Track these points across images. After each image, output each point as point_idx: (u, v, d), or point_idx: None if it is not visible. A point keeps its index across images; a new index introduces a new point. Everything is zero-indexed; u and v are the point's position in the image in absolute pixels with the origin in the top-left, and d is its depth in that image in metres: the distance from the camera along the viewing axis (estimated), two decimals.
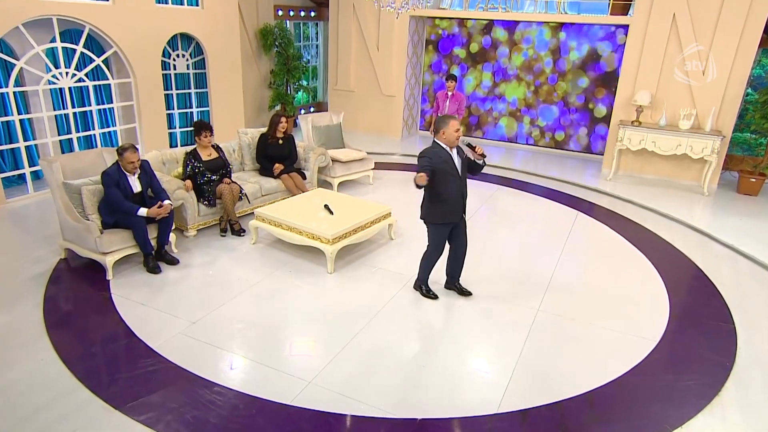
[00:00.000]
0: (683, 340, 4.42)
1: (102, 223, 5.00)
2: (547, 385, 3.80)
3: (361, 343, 4.17)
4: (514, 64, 10.36)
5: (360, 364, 3.93)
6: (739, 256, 6.16)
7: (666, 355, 4.21)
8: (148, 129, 8.06)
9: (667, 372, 4.01)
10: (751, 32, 7.86)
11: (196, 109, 9.30)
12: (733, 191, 8.52)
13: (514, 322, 4.56)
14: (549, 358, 4.11)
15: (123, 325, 4.25)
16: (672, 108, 8.47)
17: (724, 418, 3.56)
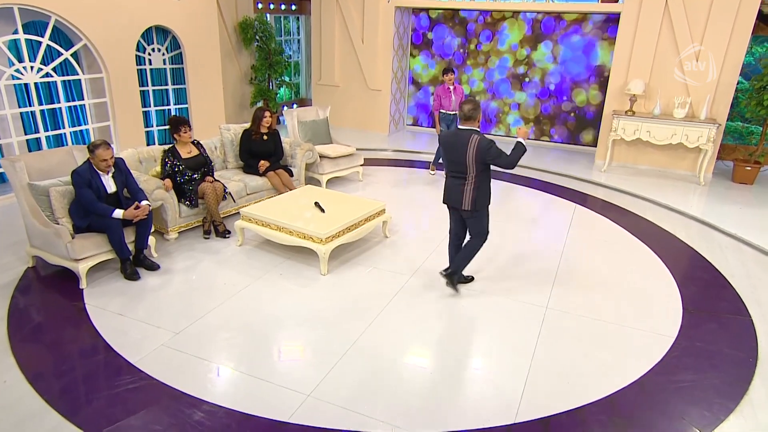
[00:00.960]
0: (701, 336, 4.17)
1: (73, 227, 4.58)
2: (566, 388, 3.52)
3: (362, 349, 3.84)
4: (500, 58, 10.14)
5: (362, 372, 3.60)
6: (744, 246, 5.98)
7: (686, 353, 3.95)
8: (123, 127, 7.60)
9: (690, 371, 3.75)
10: (744, 17, 7.71)
11: (174, 106, 8.84)
12: (728, 180, 8.39)
13: (523, 321, 4.28)
14: (564, 359, 3.83)
15: (99, 338, 3.85)
16: (666, 97, 8.30)
17: (757, 419, 3.31)
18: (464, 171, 4.23)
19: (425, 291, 4.69)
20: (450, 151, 4.32)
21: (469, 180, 4.24)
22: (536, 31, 9.80)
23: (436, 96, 7.82)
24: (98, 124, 7.43)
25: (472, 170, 4.19)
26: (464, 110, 4.18)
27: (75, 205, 4.60)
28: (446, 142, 4.43)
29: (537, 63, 9.97)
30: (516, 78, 10.22)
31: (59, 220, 4.58)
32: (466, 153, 4.14)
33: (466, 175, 4.23)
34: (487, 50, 10.26)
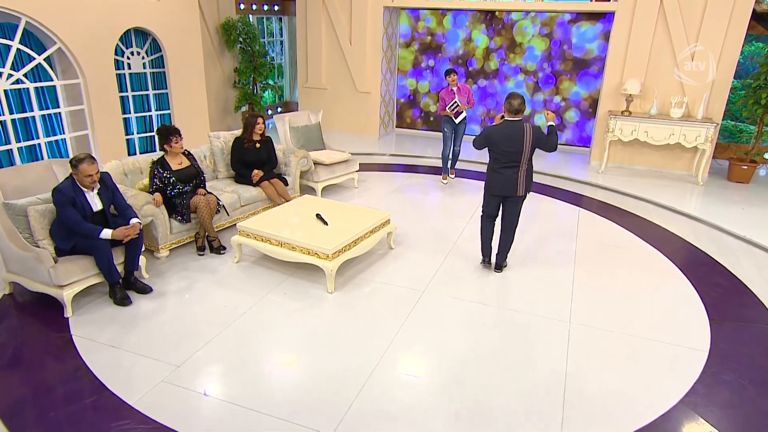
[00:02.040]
0: (735, 348, 3.97)
1: (56, 250, 4.15)
2: (607, 414, 3.25)
3: (382, 378, 3.51)
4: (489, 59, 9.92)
5: (386, 405, 3.28)
6: (755, 248, 5.84)
7: (724, 368, 3.73)
8: (103, 136, 7.12)
9: (734, 390, 3.53)
10: (738, 16, 7.64)
11: (156, 112, 8.37)
12: (723, 179, 8.32)
13: (548, 338, 4.01)
14: (599, 380, 3.56)
15: (89, 375, 3.44)
16: (662, 96, 8.18)
17: None
18: (518, 159, 4.58)
19: (441, 306, 4.40)
20: (504, 142, 4.56)
21: (522, 167, 4.62)
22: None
23: (440, 99, 7.53)
24: (75, 133, 6.93)
25: (526, 157, 4.59)
26: (515, 105, 4.48)
27: (57, 225, 4.16)
28: (502, 134, 4.59)
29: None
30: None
31: (39, 243, 4.13)
32: (523, 142, 4.51)
33: (520, 163, 4.60)
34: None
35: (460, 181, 7.94)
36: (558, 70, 9.65)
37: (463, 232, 6.00)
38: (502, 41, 9.84)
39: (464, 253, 5.45)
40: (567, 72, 9.59)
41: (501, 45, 9.87)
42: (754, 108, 7.78)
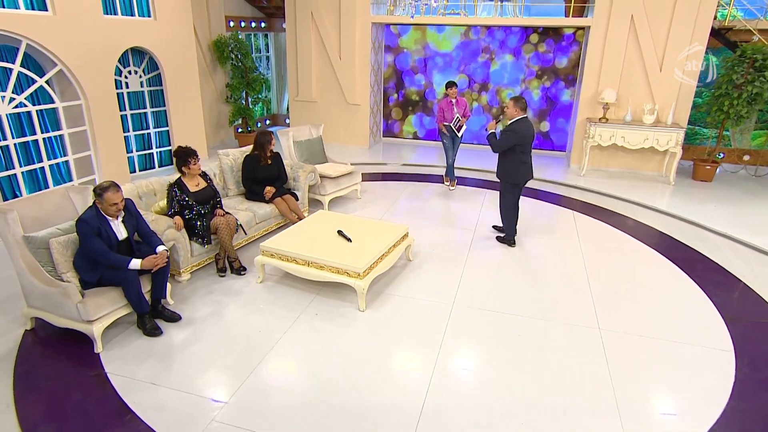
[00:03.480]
0: (757, 347, 3.87)
1: (81, 282, 3.68)
2: (666, 427, 3.06)
3: (440, 393, 3.23)
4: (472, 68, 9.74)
5: (451, 417, 2.99)
6: (737, 245, 5.84)
7: (755, 368, 3.62)
8: (105, 156, 6.54)
9: (761, 395, 3.41)
10: (700, 30, 7.70)
11: (154, 129, 7.81)
12: (688, 178, 8.38)
13: (584, 348, 3.81)
14: (645, 389, 3.38)
15: (135, 419, 3.01)
16: (634, 104, 8.17)
17: None
18: (531, 148, 5.27)
19: (473, 318, 4.15)
20: (530, 135, 5.15)
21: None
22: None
23: (439, 109, 7.27)
24: (78, 154, 6.34)
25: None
26: (524, 103, 5.09)
27: (81, 256, 3.69)
28: (526, 128, 5.10)
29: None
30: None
31: (63, 276, 3.66)
32: (534, 132, 5.25)
33: (532, 151, 5.31)
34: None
35: (457, 187, 7.71)
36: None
37: (474, 238, 5.78)
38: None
39: (481, 260, 5.21)
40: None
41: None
42: (717, 114, 7.86)
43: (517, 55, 9.41)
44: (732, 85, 7.59)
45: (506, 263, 5.22)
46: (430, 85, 10.06)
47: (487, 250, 5.51)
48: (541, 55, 9.28)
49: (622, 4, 7.85)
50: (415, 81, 10.15)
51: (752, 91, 7.47)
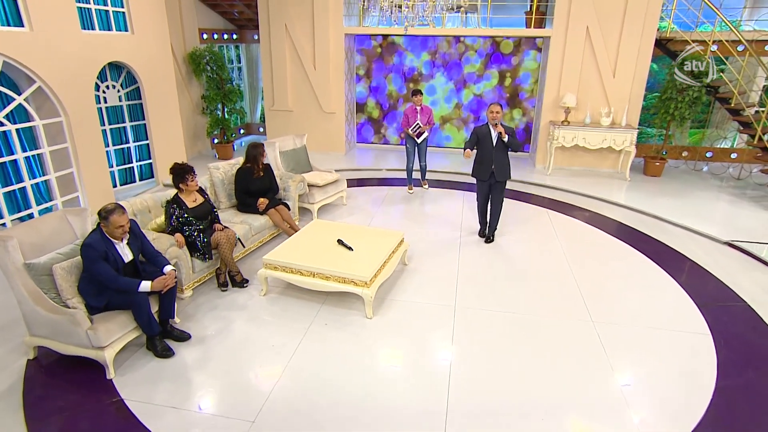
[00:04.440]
0: (730, 330, 4.06)
1: (87, 308, 3.41)
2: (671, 412, 3.15)
3: (461, 394, 3.20)
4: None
5: (477, 412, 2.97)
6: (694, 234, 6.12)
7: (732, 349, 3.79)
8: (88, 172, 6.12)
9: (745, 367, 3.59)
10: (646, 41, 8.04)
11: (134, 143, 7.39)
12: (640, 174, 8.74)
13: (583, 341, 3.88)
14: (645, 376, 3.47)
15: None
16: (592, 107, 8.44)
17: None
18: None
19: (477, 319, 4.14)
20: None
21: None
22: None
23: (404, 115, 7.25)
24: (60, 172, 5.89)
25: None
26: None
27: (86, 281, 3.42)
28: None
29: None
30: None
31: (68, 302, 3.38)
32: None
33: None
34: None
35: (433, 189, 7.71)
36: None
37: (460, 238, 5.79)
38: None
39: (472, 260, 5.23)
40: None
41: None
42: (664, 116, 8.24)
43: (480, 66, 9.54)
44: (676, 90, 7.97)
45: (496, 262, 5.26)
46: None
47: (476, 250, 5.54)
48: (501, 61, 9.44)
49: (578, 17, 8.08)
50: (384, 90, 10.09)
51: (692, 95, 7.88)
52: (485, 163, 5.33)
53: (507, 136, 5.13)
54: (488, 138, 5.24)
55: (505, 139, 5.14)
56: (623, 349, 3.77)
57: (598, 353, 3.72)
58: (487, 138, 5.24)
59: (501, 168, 5.32)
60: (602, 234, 6.09)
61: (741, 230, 6.13)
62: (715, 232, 6.07)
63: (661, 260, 5.35)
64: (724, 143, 9.59)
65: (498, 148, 5.24)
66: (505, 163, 5.32)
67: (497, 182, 5.41)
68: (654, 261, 5.35)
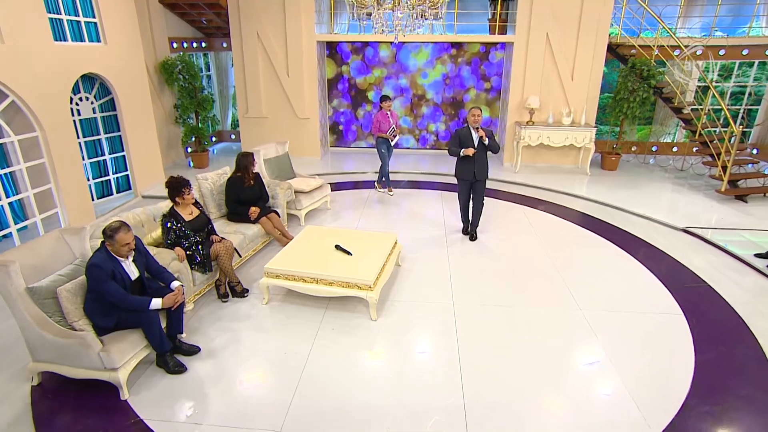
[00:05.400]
0: (698, 309, 4.35)
1: (95, 329, 3.23)
2: (662, 387, 3.35)
3: (475, 386, 3.26)
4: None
5: (491, 403, 3.04)
6: (654, 223, 6.50)
7: (704, 326, 4.07)
8: (67, 187, 5.77)
9: (717, 342, 3.86)
10: (599, 46, 8.43)
11: (109, 155, 7.02)
12: (598, 168, 9.16)
13: (575, 329, 4.04)
14: (637, 357, 3.66)
15: None
16: (554, 108, 8.77)
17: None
18: None
19: (476, 314, 4.23)
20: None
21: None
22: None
23: (375, 121, 7.25)
24: (37, 188, 5.51)
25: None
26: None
27: (92, 302, 3.24)
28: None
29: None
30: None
31: (74, 324, 3.19)
32: None
33: None
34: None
35: (411, 190, 7.78)
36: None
37: (446, 236, 5.88)
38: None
39: (460, 258, 5.33)
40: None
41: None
42: (618, 114, 8.67)
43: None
44: (628, 91, 8.41)
45: (482, 258, 5.37)
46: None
47: (462, 247, 5.64)
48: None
49: (538, 24, 8.36)
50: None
51: (642, 95, 8.34)
52: (467, 163, 5.42)
53: (488, 139, 5.26)
54: (469, 140, 5.33)
55: (486, 141, 5.26)
56: (612, 334, 3.96)
57: (590, 338, 3.89)
58: (469, 140, 5.34)
59: (481, 168, 5.44)
60: (573, 226, 6.36)
61: (687, 216, 6.56)
62: (670, 219, 6.47)
63: (629, 248, 5.65)
64: (667, 138, 10.21)
65: (478, 149, 5.34)
66: (484, 163, 5.45)
67: (478, 181, 5.52)
68: (623, 249, 5.63)
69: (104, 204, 6.94)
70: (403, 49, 9.65)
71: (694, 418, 3.08)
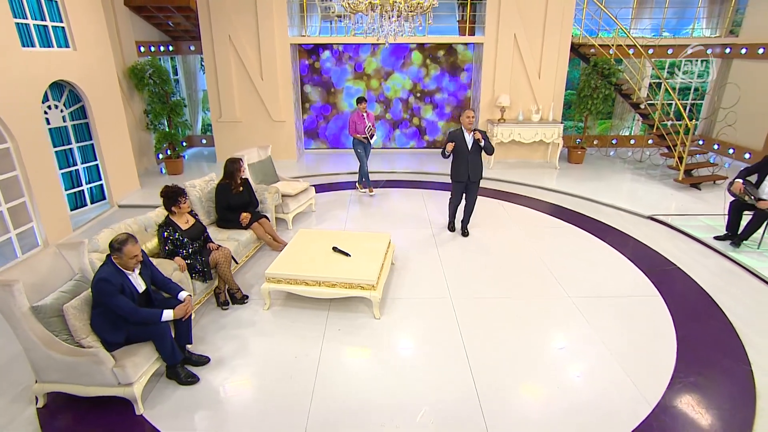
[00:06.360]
0: (673, 289, 4.69)
1: (105, 344, 3.14)
2: (651, 362, 3.61)
3: (489, 385, 3.41)
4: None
5: (504, 388, 3.20)
6: (622, 212, 6.89)
7: (679, 305, 4.39)
8: (42, 200, 5.49)
9: (693, 320, 4.19)
10: (563, 45, 8.82)
11: (82, 165, 6.72)
12: (566, 162, 9.58)
13: (568, 315, 4.27)
14: (627, 336, 3.92)
15: None
16: (523, 106, 9.10)
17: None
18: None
19: (473, 305, 4.39)
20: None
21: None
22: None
23: (351, 122, 7.29)
24: (11, 203, 5.22)
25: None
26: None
27: (100, 317, 3.14)
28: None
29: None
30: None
31: (82, 342, 3.09)
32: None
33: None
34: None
35: (393, 189, 7.88)
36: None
37: (433, 234, 6.02)
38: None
39: (450, 253, 5.48)
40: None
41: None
42: (582, 111, 9.11)
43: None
44: (591, 89, 8.85)
45: (471, 252, 5.55)
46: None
47: (451, 243, 5.80)
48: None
49: (506, 26, 8.65)
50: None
51: (605, 92, 8.81)
52: (461, 165, 5.52)
53: (483, 141, 5.35)
54: (463, 142, 5.44)
55: (482, 143, 5.36)
56: (600, 317, 4.22)
57: (582, 323, 4.13)
58: (462, 142, 5.44)
59: (475, 169, 5.55)
60: (549, 218, 6.65)
61: (650, 204, 7.00)
62: (636, 208, 6.89)
63: (603, 236, 5.99)
64: (625, 131, 10.81)
65: (472, 151, 5.45)
66: (478, 164, 5.56)
67: (472, 182, 5.63)
68: (598, 237, 5.96)
69: (79, 216, 6.64)
70: (385, 51, 9.73)
71: (683, 389, 3.35)
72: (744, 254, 5.38)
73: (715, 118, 9.94)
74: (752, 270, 5.06)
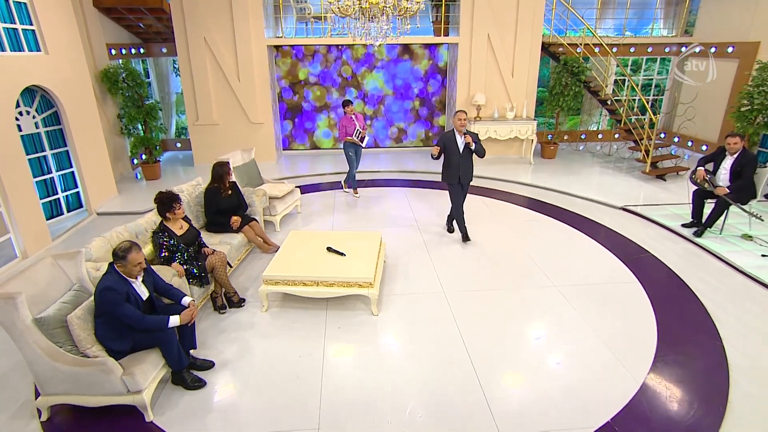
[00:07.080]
0: (649, 275, 4.99)
1: (110, 353, 3.11)
2: (635, 343, 3.86)
3: (491, 376, 3.56)
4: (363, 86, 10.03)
5: (507, 379, 3.36)
6: (597, 204, 7.24)
7: (656, 290, 4.69)
8: (19, 210, 5.31)
9: (668, 302, 4.49)
10: (535, 44, 9.14)
11: (57, 173, 6.51)
12: (539, 157, 9.93)
13: (555, 304, 4.49)
14: (611, 319, 4.16)
15: None
16: (498, 104, 9.37)
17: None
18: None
19: (467, 298, 4.55)
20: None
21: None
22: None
23: (341, 126, 7.35)
24: None
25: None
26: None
27: (104, 327, 3.11)
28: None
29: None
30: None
31: (87, 352, 3.05)
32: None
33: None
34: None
35: (377, 189, 7.99)
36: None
37: (421, 232, 6.16)
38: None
39: (439, 249, 5.63)
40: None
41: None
42: (555, 108, 9.46)
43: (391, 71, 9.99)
44: (562, 86, 9.20)
45: (459, 247, 5.72)
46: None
47: (438, 240, 5.96)
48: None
49: (479, 26, 8.88)
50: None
51: (575, 90, 9.18)
52: (452, 167, 5.45)
53: (474, 144, 5.29)
54: (455, 144, 5.37)
55: (473, 147, 5.30)
56: (586, 304, 4.46)
57: (569, 310, 4.36)
58: (453, 145, 5.37)
59: (466, 172, 5.51)
60: (529, 211, 6.91)
61: (621, 195, 7.38)
62: (608, 199, 7.25)
63: (580, 227, 6.28)
64: (593, 126, 11.28)
65: (464, 154, 5.38)
66: (469, 167, 5.51)
67: (462, 185, 5.61)
68: (575, 228, 6.25)
69: (56, 225, 6.43)
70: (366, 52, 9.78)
71: (666, 365, 3.61)
72: (708, 239, 5.77)
73: (674, 113, 10.52)
74: (716, 254, 5.44)
